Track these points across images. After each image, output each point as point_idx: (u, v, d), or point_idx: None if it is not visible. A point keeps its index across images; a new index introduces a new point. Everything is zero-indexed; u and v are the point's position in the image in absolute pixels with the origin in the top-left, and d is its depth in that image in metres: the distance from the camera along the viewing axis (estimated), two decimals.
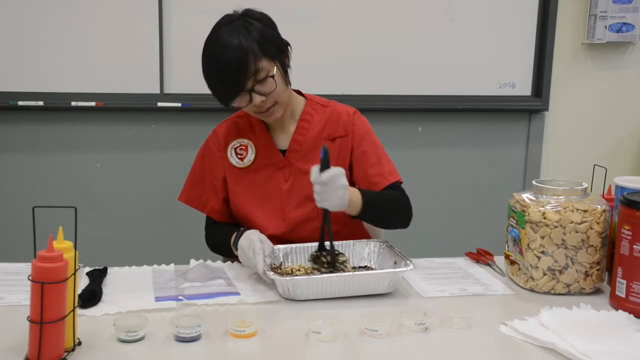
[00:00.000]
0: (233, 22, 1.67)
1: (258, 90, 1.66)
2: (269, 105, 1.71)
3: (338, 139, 1.83)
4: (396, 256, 1.62)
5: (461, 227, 3.19)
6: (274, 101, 1.71)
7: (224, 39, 1.64)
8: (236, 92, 1.66)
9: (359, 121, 1.86)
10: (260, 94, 1.67)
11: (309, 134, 1.82)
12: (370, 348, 1.29)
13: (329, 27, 2.90)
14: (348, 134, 1.83)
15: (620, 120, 3.32)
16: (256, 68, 1.64)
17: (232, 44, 1.62)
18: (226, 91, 1.67)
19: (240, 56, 1.62)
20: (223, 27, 1.66)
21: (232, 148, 1.83)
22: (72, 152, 2.91)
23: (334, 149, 1.82)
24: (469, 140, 3.18)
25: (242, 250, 1.63)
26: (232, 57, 1.62)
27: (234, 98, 1.67)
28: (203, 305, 1.47)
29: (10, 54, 2.75)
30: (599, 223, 1.55)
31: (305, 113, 1.84)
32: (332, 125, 1.84)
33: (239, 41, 1.62)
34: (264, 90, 1.67)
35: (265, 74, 1.66)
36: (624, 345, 1.28)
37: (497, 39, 3.08)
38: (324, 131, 1.83)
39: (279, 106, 1.73)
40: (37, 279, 1.13)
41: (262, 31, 1.67)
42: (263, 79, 1.66)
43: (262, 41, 1.65)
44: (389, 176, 1.82)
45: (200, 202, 1.86)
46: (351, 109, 1.88)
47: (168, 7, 2.81)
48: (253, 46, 1.63)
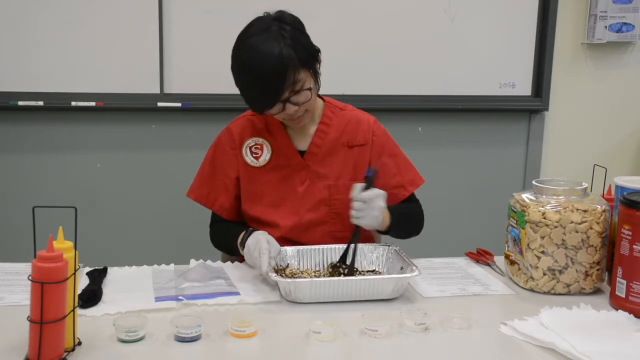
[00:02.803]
0: (269, 28, 1.62)
1: (293, 100, 1.65)
2: (301, 114, 1.70)
3: (357, 147, 1.82)
4: (403, 261, 1.61)
5: (461, 227, 3.19)
6: (305, 109, 1.70)
7: (262, 47, 1.59)
8: (273, 102, 1.64)
9: (379, 131, 1.86)
10: (294, 104, 1.66)
11: (327, 137, 1.82)
12: (370, 348, 1.29)
13: (328, 27, 2.90)
14: (367, 144, 1.83)
15: (620, 120, 3.32)
16: (295, 79, 1.62)
17: (272, 52, 1.58)
18: (262, 101, 1.65)
19: (280, 67, 1.59)
20: (260, 34, 1.62)
21: (247, 147, 1.81)
22: (72, 152, 2.91)
23: (351, 157, 1.82)
24: (469, 140, 3.18)
25: (248, 249, 1.63)
26: (273, 68, 1.58)
27: (269, 108, 1.65)
28: (203, 305, 1.47)
29: (10, 54, 2.75)
30: (599, 223, 1.55)
31: (325, 116, 1.83)
32: (351, 131, 1.83)
33: (280, 50, 1.59)
34: (299, 101, 1.66)
35: (302, 85, 1.64)
36: (624, 345, 1.28)
37: (497, 39, 3.08)
38: (342, 136, 1.82)
39: (309, 114, 1.73)
40: (37, 279, 1.13)
41: (298, 38, 1.64)
42: (300, 89, 1.64)
43: (299, 50, 1.62)
44: (409, 186, 1.85)
45: (209, 199, 1.85)
46: (371, 117, 1.87)
47: (168, 7, 2.81)
48: (292, 55, 1.60)
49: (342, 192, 1.80)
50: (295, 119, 1.71)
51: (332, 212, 1.81)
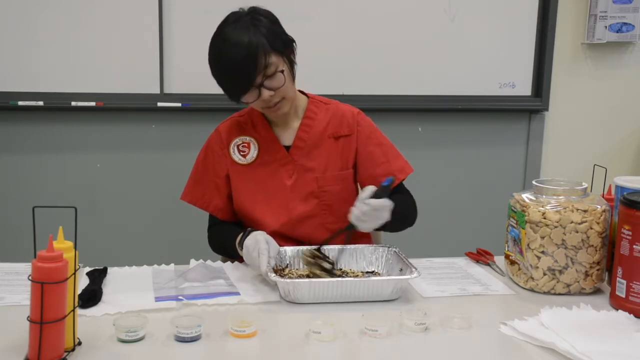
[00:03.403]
0: (241, 19, 1.68)
1: (267, 85, 1.68)
2: (277, 100, 1.72)
3: (342, 138, 1.84)
4: (402, 263, 1.61)
5: (461, 227, 3.19)
6: (282, 96, 1.72)
7: (233, 35, 1.65)
8: (246, 87, 1.67)
9: (363, 121, 1.87)
10: (269, 88, 1.68)
11: (312, 130, 1.84)
12: (370, 348, 1.29)
13: (328, 27, 2.90)
14: (353, 134, 1.85)
15: (620, 120, 3.32)
16: (266, 63, 1.65)
17: (242, 40, 1.64)
18: (236, 87, 1.69)
19: (250, 51, 1.63)
20: (231, 25, 1.68)
21: (235, 145, 1.84)
22: (72, 152, 2.91)
23: (337, 148, 1.83)
24: (469, 140, 3.18)
25: (247, 250, 1.63)
26: (243, 53, 1.63)
27: (244, 93, 1.69)
28: (203, 305, 1.47)
29: (10, 54, 2.75)
30: (599, 223, 1.55)
31: (309, 110, 1.86)
32: (336, 123, 1.85)
33: (249, 37, 1.64)
34: (273, 85, 1.69)
35: (274, 69, 1.68)
36: (624, 345, 1.28)
37: (497, 39, 3.08)
38: (327, 129, 1.84)
39: (286, 101, 1.75)
40: (37, 279, 1.13)
41: (269, 27, 1.69)
42: (272, 74, 1.67)
43: (270, 36, 1.67)
44: (398, 174, 1.84)
45: (203, 201, 1.86)
46: (355, 109, 1.90)
47: (168, 7, 2.81)
48: (262, 41, 1.65)
49: (330, 183, 1.82)
50: (272, 106, 1.73)
51: (322, 204, 1.82)
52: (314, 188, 1.82)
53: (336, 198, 1.83)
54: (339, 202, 1.82)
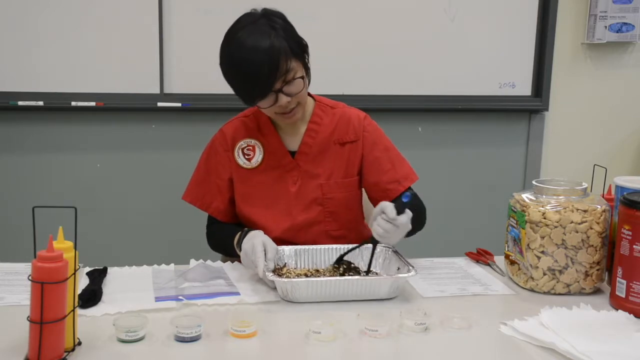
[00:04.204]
0: (257, 21, 1.63)
1: (286, 90, 1.64)
2: (293, 106, 1.69)
3: (348, 144, 1.82)
4: (400, 262, 1.61)
5: (461, 227, 3.19)
6: (297, 102, 1.69)
7: (251, 39, 1.59)
8: (264, 92, 1.62)
9: (370, 127, 1.84)
10: (287, 94, 1.65)
11: (318, 136, 1.81)
12: (370, 348, 1.29)
13: (328, 27, 2.90)
14: (359, 140, 1.82)
15: (620, 120, 3.32)
16: (287, 68, 1.61)
17: (262, 43, 1.58)
18: (253, 91, 1.64)
19: (272, 56, 1.58)
20: (248, 27, 1.62)
21: (240, 148, 1.81)
22: (72, 152, 2.91)
23: (343, 154, 1.81)
24: (469, 140, 3.18)
25: (245, 251, 1.62)
26: (263, 58, 1.58)
27: (261, 99, 1.64)
28: (203, 305, 1.47)
29: (10, 54, 2.75)
30: (599, 223, 1.55)
31: (315, 115, 1.82)
32: (342, 129, 1.82)
33: (270, 41, 1.59)
34: (292, 91, 1.65)
35: (294, 75, 1.64)
36: (624, 345, 1.28)
37: (497, 39, 3.08)
38: (333, 134, 1.81)
39: (301, 107, 1.72)
40: (37, 279, 1.13)
41: (287, 29, 1.65)
42: (291, 79, 1.64)
43: (290, 40, 1.63)
44: (404, 181, 1.82)
45: (204, 202, 1.85)
46: (362, 113, 1.86)
47: (168, 7, 2.81)
48: (284, 45, 1.60)
49: (334, 190, 1.80)
50: (287, 112, 1.69)
51: (326, 211, 1.80)
52: (318, 195, 1.79)
53: (340, 205, 1.81)
54: (342, 209, 1.81)
